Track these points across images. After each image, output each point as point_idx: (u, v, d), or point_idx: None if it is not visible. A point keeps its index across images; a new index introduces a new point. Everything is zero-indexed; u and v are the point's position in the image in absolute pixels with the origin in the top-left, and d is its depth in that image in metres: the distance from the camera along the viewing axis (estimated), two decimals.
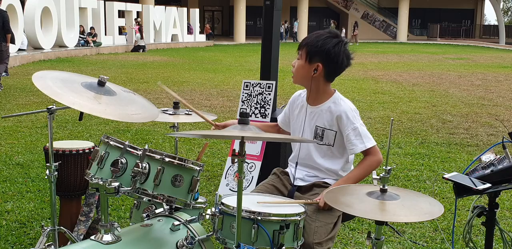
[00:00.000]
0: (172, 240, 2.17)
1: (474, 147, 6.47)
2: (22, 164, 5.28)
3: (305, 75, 2.57)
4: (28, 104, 8.87)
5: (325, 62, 2.53)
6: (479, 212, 2.28)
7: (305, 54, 2.54)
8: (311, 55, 2.53)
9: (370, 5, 45.24)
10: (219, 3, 46.75)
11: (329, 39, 2.52)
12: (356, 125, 2.55)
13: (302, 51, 2.57)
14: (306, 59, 2.55)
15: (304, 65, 2.56)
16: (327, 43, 2.51)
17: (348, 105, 2.60)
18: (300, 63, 2.58)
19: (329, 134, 2.60)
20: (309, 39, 2.57)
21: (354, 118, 2.56)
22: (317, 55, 2.52)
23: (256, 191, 2.62)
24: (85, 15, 21.58)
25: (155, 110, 2.37)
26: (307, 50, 2.54)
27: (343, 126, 2.56)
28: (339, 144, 2.61)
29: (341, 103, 2.59)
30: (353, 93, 11.11)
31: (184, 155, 5.75)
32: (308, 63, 2.55)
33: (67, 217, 3.24)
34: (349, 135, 2.54)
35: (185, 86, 11.84)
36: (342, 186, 2.24)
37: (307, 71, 2.56)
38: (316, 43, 2.52)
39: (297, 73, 2.61)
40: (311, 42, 2.53)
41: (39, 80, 2.15)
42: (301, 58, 2.57)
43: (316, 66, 2.53)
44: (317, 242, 2.30)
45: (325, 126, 2.60)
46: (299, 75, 2.60)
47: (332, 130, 2.59)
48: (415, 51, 27.30)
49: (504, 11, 60.73)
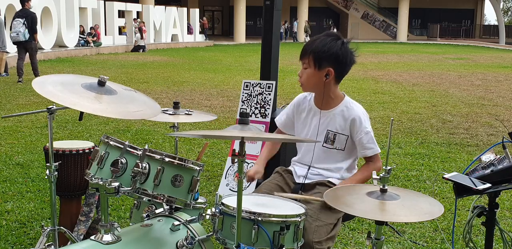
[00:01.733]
0: (172, 240, 2.17)
1: (474, 147, 6.47)
2: (22, 164, 5.28)
3: (317, 82, 2.55)
4: (28, 104, 8.87)
5: (336, 65, 2.52)
6: (479, 212, 2.28)
7: (313, 61, 2.52)
8: (320, 61, 2.51)
9: (370, 5, 45.24)
10: (219, 3, 46.76)
11: (333, 42, 2.51)
12: (369, 129, 2.57)
13: (308, 59, 2.54)
14: (315, 66, 2.52)
15: (314, 72, 2.54)
16: (333, 47, 2.50)
17: (360, 109, 2.62)
18: (310, 71, 2.55)
19: (340, 139, 2.60)
20: (312, 45, 2.54)
21: (366, 122, 2.58)
22: (326, 60, 2.51)
23: (260, 190, 2.62)
24: (85, 15, 21.58)
25: (157, 107, 2.37)
26: (314, 57, 2.51)
27: (356, 130, 2.57)
28: (350, 149, 2.63)
29: (353, 107, 2.61)
30: (353, 93, 11.11)
31: (184, 155, 5.75)
32: (317, 70, 2.52)
33: (67, 217, 3.24)
34: (362, 139, 2.56)
35: (185, 86, 11.84)
36: (342, 186, 2.24)
37: (318, 78, 2.54)
38: (322, 49, 2.50)
39: (308, 82, 2.58)
40: (317, 48, 2.51)
41: (40, 85, 2.15)
42: (309, 66, 2.54)
43: (327, 71, 2.52)
44: (317, 241, 2.30)
45: (337, 131, 2.60)
46: (311, 83, 2.58)
47: (344, 134, 2.60)
48: (415, 51, 27.31)
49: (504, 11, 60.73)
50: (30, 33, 11.52)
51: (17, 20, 11.43)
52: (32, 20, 11.50)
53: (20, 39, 11.48)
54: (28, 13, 11.68)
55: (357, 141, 2.58)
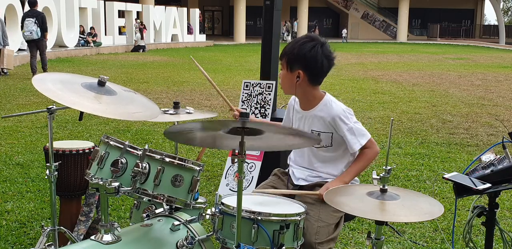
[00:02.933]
0: (172, 240, 2.17)
1: (474, 147, 6.47)
2: (22, 164, 5.28)
3: (291, 84, 2.57)
4: (28, 104, 8.87)
5: (305, 67, 2.52)
6: (479, 212, 2.28)
7: (286, 63, 2.55)
8: (291, 64, 2.53)
9: (370, 5, 45.24)
10: (219, 3, 46.76)
11: (304, 44, 2.51)
12: (350, 125, 2.56)
13: (283, 61, 2.58)
14: (287, 68, 2.55)
15: (286, 74, 2.57)
16: (303, 49, 2.50)
17: (339, 107, 2.59)
18: (283, 73, 2.59)
19: (325, 137, 2.60)
20: (286, 48, 2.58)
21: (347, 119, 2.56)
22: (296, 63, 2.52)
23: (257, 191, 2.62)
24: (85, 15, 21.58)
25: (156, 109, 2.37)
26: (286, 59, 2.55)
27: (338, 129, 2.57)
28: (338, 142, 2.61)
29: (332, 105, 2.59)
30: (353, 93, 11.11)
31: (184, 155, 5.75)
32: (290, 71, 2.55)
33: (67, 217, 3.24)
34: (346, 136, 2.56)
35: (185, 86, 11.84)
36: (342, 186, 2.25)
37: (291, 79, 2.56)
38: (292, 51, 2.52)
39: (283, 83, 2.62)
40: (288, 50, 2.54)
41: (39, 82, 2.15)
42: (283, 68, 2.58)
43: (298, 73, 2.53)
44: (319, 242, 2.30)
45: (320, 130, 2.61)
46: (286, 85, 2.61)
47: (327, 132, 2.60)
48: (415, 51, 27.31)
49: (504, 11, 60.73)
50: (41, 31, 12.35)
51: (28, 20, 12.21)
52: (42, 19, 12.38)
53: (34, 37, 12.29)
54: (38, 13, 12.60)
55: (342, 138, 2.58)
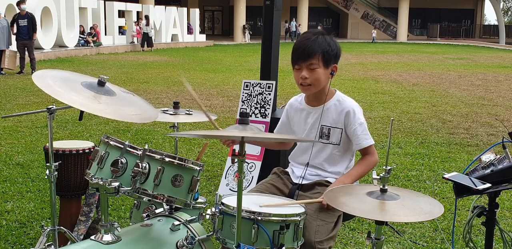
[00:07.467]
0: (172, 240, 2.17)
1: (474, 147, 6.47)
2: (22, 164, 5.28)
3: (325, 81, 2.57)
4: (28, 104, 8.87)
5: (338, 60, 2.57)
6: (479, 212, 2.28)
7: (322, 61, 2.51)
8: (328, 60, 2.52)
9: (370, 5, 45.22)
10: (219, 3, 46.74)
11: (330, 38, 2.54)
12: (362, 120, 2.58)
13: (317, 60, 2.50)
14: (325, 65, 2.53)
15: (324, 71, 2.53)
16: (335, 43, 2.54)
17: (353, 102, 2.64)
18: (321, 71, 2.52)
19: (335, 133, 2.61)
20: (318, 45, 2.50)
21: (360, 114, 2.60)
22: (332, 58, 2.53)
23: (256, 190, 2.62)
24: (85, 15, 21.58)
25: (154, 112, 2.37)
26: (324, 56, 2.50)
27: (350, 121, 2.57)
28: (345, 144, 2.62)
29: (346, 100, 2.63)
30: (353, 93, 11.10)
31: (184, 155, 5.75)
32: (326, 68, 2.53)
33: (67, 217, 3.24)
34: (356, 130, 2.56)
35: (185, 86, 11.82)
36: (342, 186, 2.25)
37: (326, 75, 2.55)
38: (328, 47, 2.51)
39: (320, 81, 2.54)
40: (325, 47, 2.51)
41: (40, 79, 2.14)
42: (319, 66, 2.51)
43: (333, 67, 2.55)
44: (318, 240, 2.30)
45: (331, 124, 2.61)
46: (322, 82, 2.56)
47: (338, 128, 2.60)
48: (415, 51, 27.31)
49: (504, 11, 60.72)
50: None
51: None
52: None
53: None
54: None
55: (351, 132, 2.58)
